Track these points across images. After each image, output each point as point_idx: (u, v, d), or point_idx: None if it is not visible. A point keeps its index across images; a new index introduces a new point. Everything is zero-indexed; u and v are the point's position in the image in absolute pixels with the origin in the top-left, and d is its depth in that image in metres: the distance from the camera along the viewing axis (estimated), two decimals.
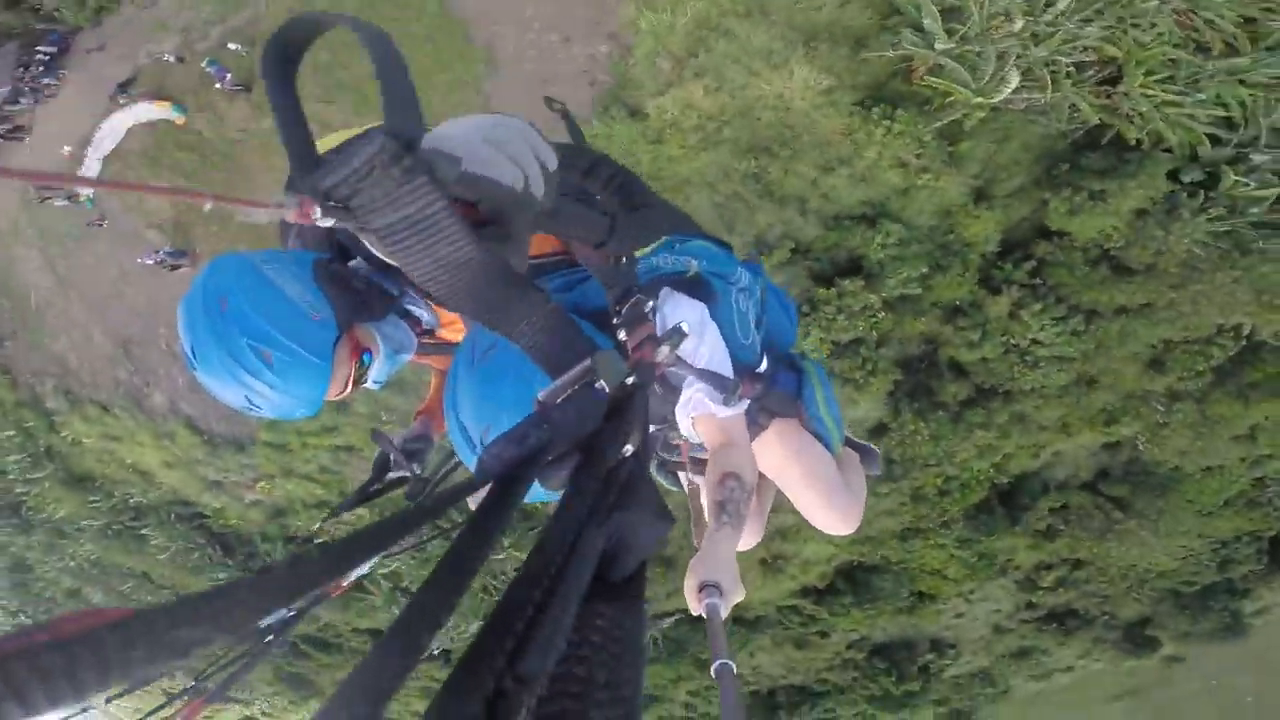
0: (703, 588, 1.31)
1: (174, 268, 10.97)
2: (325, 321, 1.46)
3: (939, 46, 5.77)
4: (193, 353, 1.41)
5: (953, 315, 8.78)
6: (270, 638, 1.61)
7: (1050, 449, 11.61)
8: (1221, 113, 7.10)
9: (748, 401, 1.69)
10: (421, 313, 1.78)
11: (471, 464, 1.37)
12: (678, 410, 1.69)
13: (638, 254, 1.74)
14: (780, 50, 6.11)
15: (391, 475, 2.06)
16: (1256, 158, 7.50)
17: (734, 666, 1.03)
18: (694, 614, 1.31)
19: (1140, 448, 12.07)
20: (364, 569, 1.78)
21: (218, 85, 9.80)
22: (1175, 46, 6.54)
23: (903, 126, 6.28)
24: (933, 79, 6.16)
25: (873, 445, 2.36)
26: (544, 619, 0.36)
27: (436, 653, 12.66)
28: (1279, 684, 24.46)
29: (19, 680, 0.22)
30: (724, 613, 1.29)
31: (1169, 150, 7.34)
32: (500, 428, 1.31)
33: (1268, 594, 19.29)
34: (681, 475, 2.24)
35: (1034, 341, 9.03)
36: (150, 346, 11.72)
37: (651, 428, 1.74)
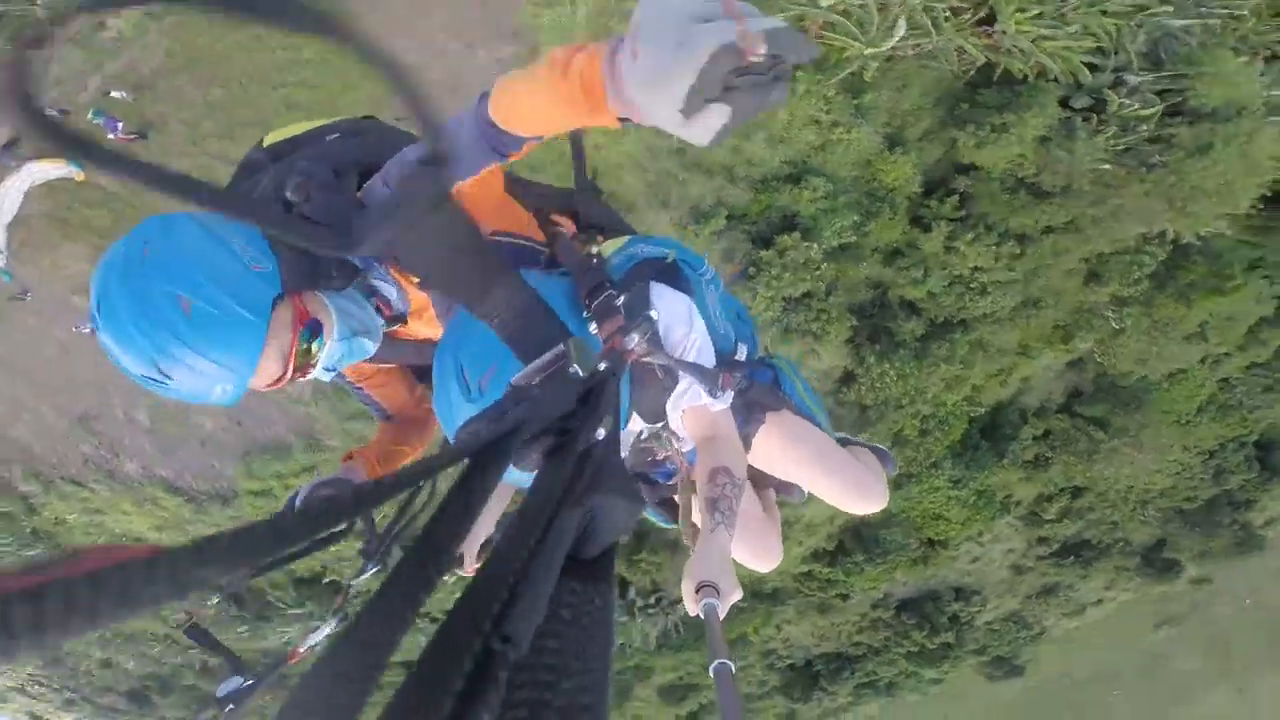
0: (700, 588, 1.31)
1: None
2: (268, 275, 1.29)
3: (824, 3, 6.58)
4: (98, 307, 1.22)
5: (893, 257, 9.55)
6: (230, 707, 1.49)
7: (1017, 374, 12.27)
8: (1093, 42, 7.92)
9: (731, 392, 1.68)
10: (391, 291, 1.63)
11: (454, 414, 1.33)
12: (669, 404, 1.68)
13: (607, 251, 1.76)
14: None
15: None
16: (1132, 80, 8.32)
17: (733, 666, 1.03)
18: (690, 615, 1.32)
19: (1101, 360, 12.74)
20: (324, 633, 1.83)
21: (110, 136, 9.26)
22: None
23: (807, 86, 7.08)
24: (828, 34, 6.97)
25: (882, 446, 2.44)
26: (525, 587, 0.37)
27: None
28: None
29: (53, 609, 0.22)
30: (722, 613, 1.29)
31: (1055, 80, 8.16)
32: (507, 372, 1.22)
33: (1270, 503, 19.71)
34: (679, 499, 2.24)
35: (975, 269, 9.76)
36: (108, 417, 11.38)
37: (644, 426, 1.76)
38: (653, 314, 1.35)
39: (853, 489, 2.06)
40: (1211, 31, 8.04)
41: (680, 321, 1.53)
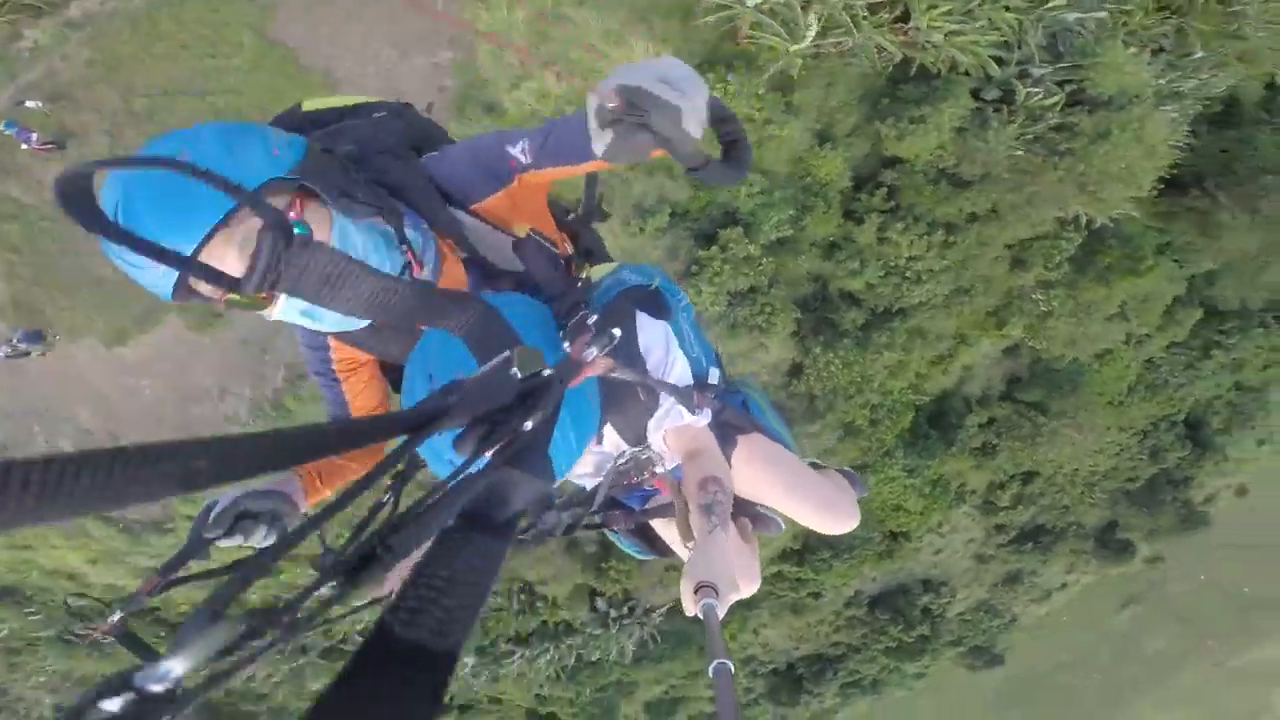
0: (698, 589, 1.34)
1: (26, 353, 9.52)
2: (278, 161, 1.22)
3: (750, 2, 7.03)
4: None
5: (830, 250, 10.02)
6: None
7: (958, 363, 12.83)
8: (998, 36, 8.57)
9: (709, 411, 1.76)
10: (422, 241, 1.53)
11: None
12: (651, 426, 1.75)
13: (596, 275, 1.85)
14: (617, 29, 7.04)
15: (224, 544, 1.60)
16: (1036, 71, 9.00)
17: (732, 666, 1.05)
18: (689, 615, 1.35)
19: (1034, 345, 13.41)
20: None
21: (24, 147, 8.92)
22: None
23: (738, 85, 7.51)
24: (755, 33, 7.42)
25: (852, 470, 2.52)
26: (418, 520, 0.46)
27: None
28: (1262, 568, 25.88)
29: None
30: (721, 613, 1.31)
31: (966, 73, 8.77)
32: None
33: (1206, 479, 20.72)
34: (658, 524, 2.25)
35: (910, 259, 10.28)
36: (29, 446, 10.86)
37: (621, 448, 1.82)
38: (615, 331, 1.37)
39: (825, 509, 2.12)
40: (1103, 25, 8.77)
41: (659, 345, 1.67)
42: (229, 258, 1.17)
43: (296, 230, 1.19)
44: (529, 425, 0.71)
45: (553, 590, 12.20)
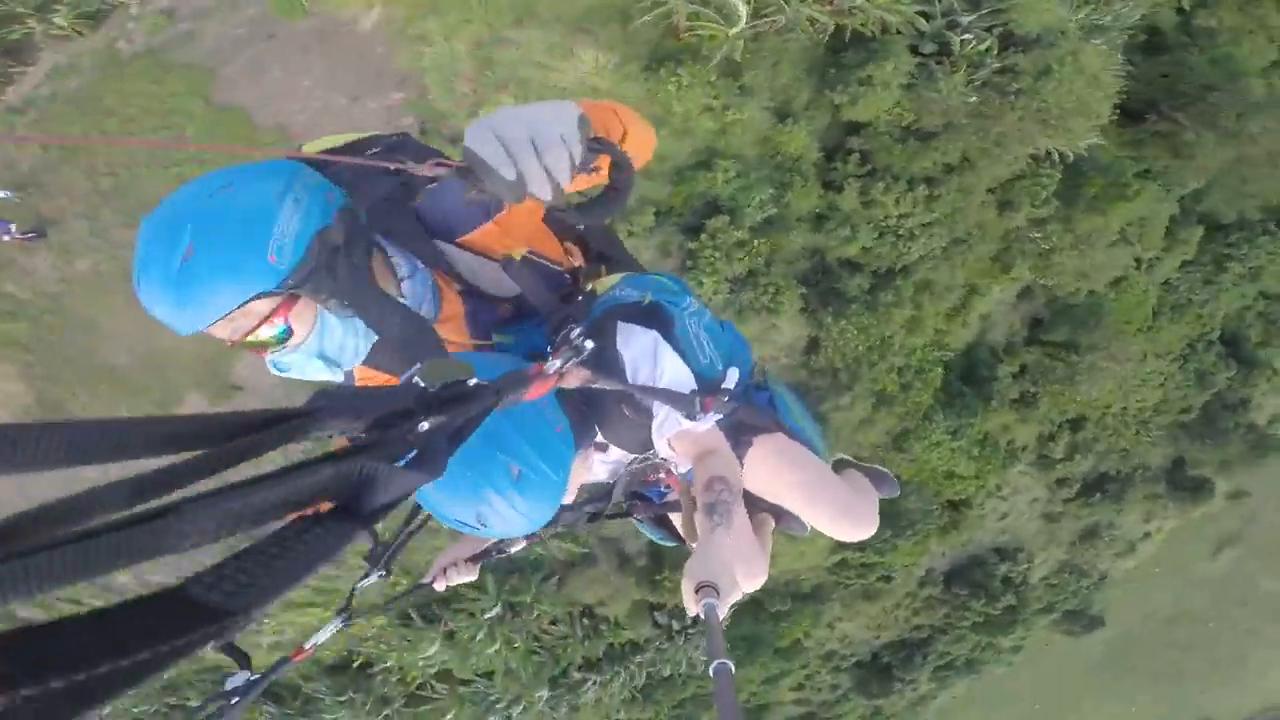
0: (699, 589, 1.34)
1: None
2: (275, 269, 1.35)
3: None
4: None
5: (819, 222, 10.52)
6: (236, 700, 1.49)
7: (975, 313, 13.03)
8: None
9: (715, 415, 1.74)
10: (419, 287, 1.69)
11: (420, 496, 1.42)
12: (653, 433, 1.76)
13: (601, 288, 1.86)
14: (560, 42, 7.50)
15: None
16: (964, 20, 9.67)
17: (732, 666, 1.04)
18: (690, 615, 1.35)
19: (1045, 283, 13.59)
20: (323, 638, 1.87)
21: (5, 239, 8.75)
22: None
23: (690, 77, 8.18)
24: (694, 24, 8.11)
25: (880, 468, 2.51)
26: (251, 486, 0.47)
27: None
28: None
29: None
30: (722, 613, 1.32)
31: (899, 32, 9.42)
32: (495, 498, 1.39)
33: (1262, 398, 20.11)
34: (674, 517, 2.33)
35: (901, 216, 10.69)
36: None
37: (630, 456, 1.86)
38: (587, 344, 1.43)
39: (842, 515, 2.10)
40: None
41: (646, 356, 1.66)
42: (220, 331, 1.42)
43: (278, 332, 1.45)
44: (424, 427, 0.71)
45: (612, 610, 12.23)
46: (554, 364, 1.28)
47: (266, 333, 1.43)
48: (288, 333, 1.46)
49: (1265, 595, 24.83)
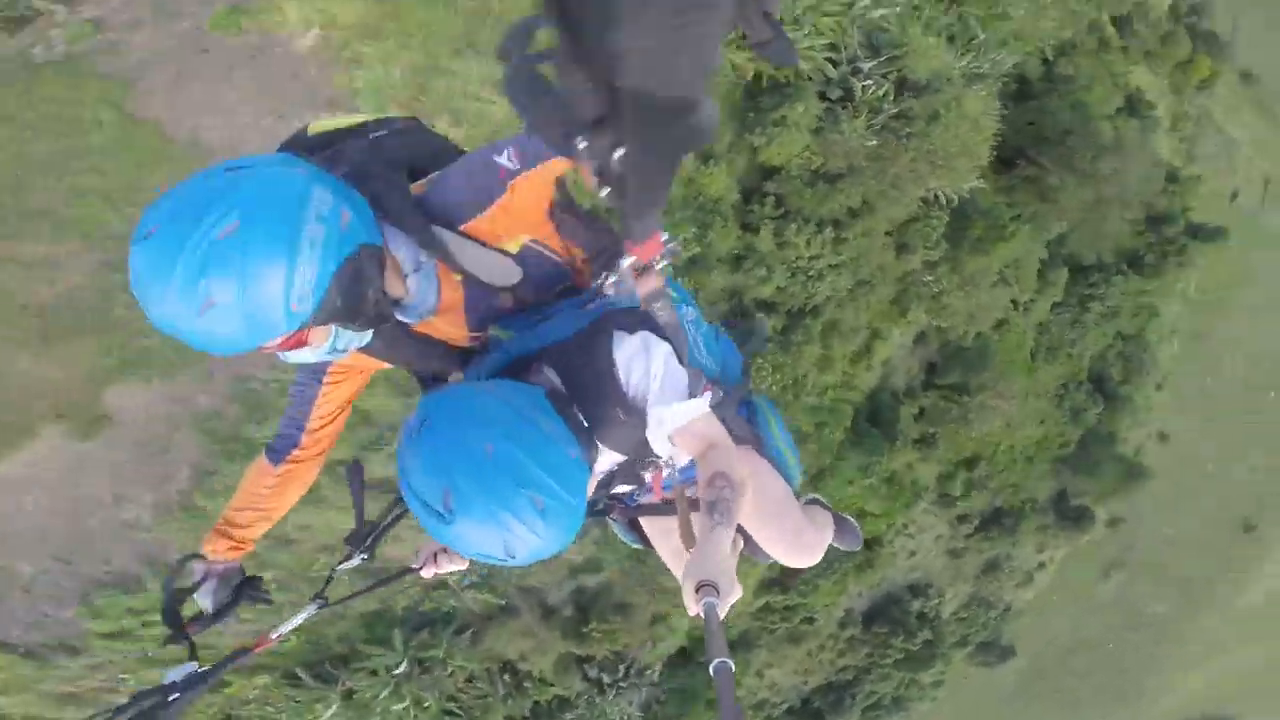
0: (699, 588, 1.32)
1: None
2: (297, 316, 1.34)
3: None
4: None
5: (737, 262, 10.76)
6: (175, 696, 1.44)
7: (877, 358, 13.63)
8: (825, 39, 9.84)
9: (712, 397, 1.75)
10: (421, 279, 1.69)
11: (442, 535, 1.41)
12: (652, 432, 1.71)
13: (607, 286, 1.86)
14: (497, 76, 7.75)
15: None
16: (864, 67, 10.38)
17: (732, 665, 1.04)
18: (690, 614, 1.34)
19: (938, 325, 14.45)
20: (295, 623, 1.92)
21: None
22: None
23: None
24: None
25: (849, 518, 2.54)
26: None
27: None
28: (1209, 516, 26.99)
29: None
30: (721, 612, 1.30)
31: (810, 78, 9.99)
32: (460, 488, 1.36)
33: (1127, 431, 22.12)
34: (645, 522, 2.35)
35: (811, 258, 11.13)
36: None
37: (620, 458, 1.83)
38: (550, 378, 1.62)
39: (791, 539, 2.12)
40: (902, 17, 10.25)
41: (638, 358, 1.64)
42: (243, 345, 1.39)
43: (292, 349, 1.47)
44: None
45: (536, 665, 11.53)
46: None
47: (280, 350, 1.45)
48: (303, 344, 1.48)
49: (1153, 617, 26.69)
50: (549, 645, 11.30)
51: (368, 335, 1.58)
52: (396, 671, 9.95)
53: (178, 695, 1.47)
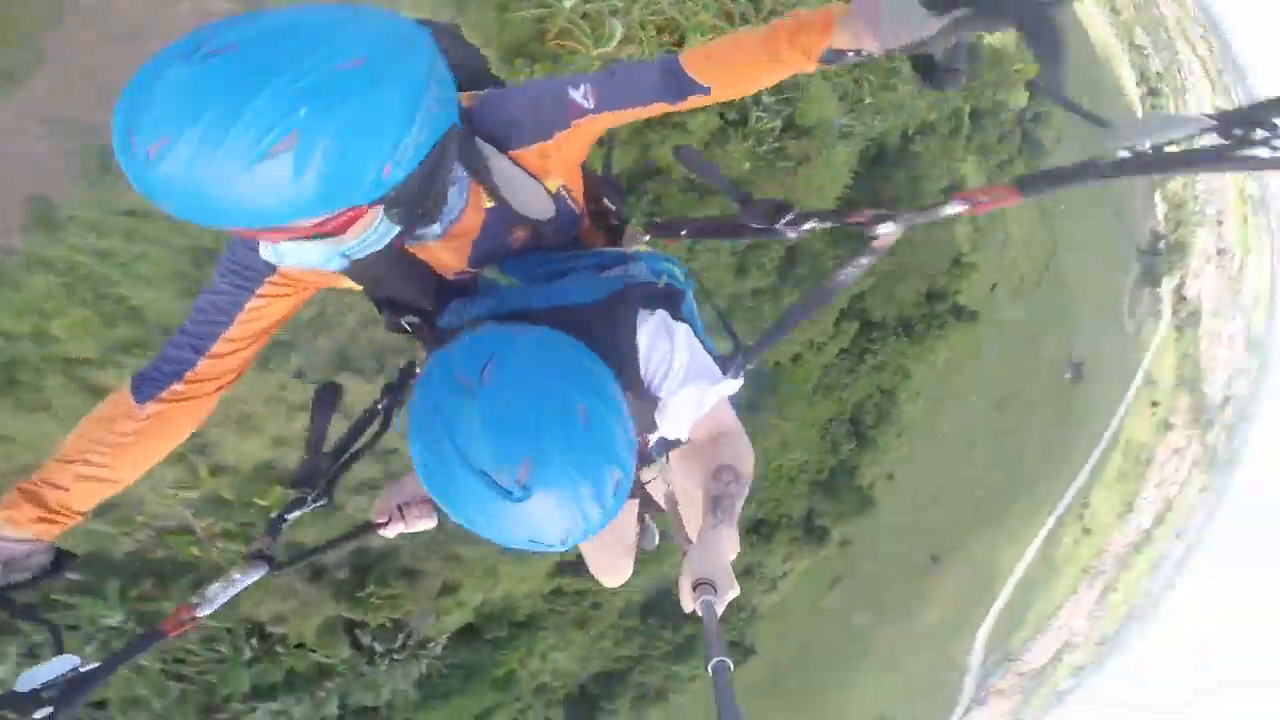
0: (697, 585, 1.29)
1: None
2: (386, 181, 1.11)
3: (568, 5, 7.84)
4: None
5: None
6: (48, 712, 1.19)
7: None
8: None
9: (739, 378, 1.68)
10: (455, 211, 1.51)
11: (495, 514, 1.15)
12: (674, 413, 1.58)
13: (636, 249, 1.76)
14: (431, 14, 7.33)
15: None
16: (765, 99, 11.27)
17: (730, 664, 1.01)
18: (687, 611, 1.30)
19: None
20: (233, 593, 1.56)
21: None
22: (716, 17, 9.69)
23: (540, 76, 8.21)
24: (559, 41, 8.22)
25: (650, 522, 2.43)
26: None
27: None
28: (918, 540, 31.98)
29: None
30: (719, 610, 1.28)
31: None
32: (549, 457, 1.12)
33: (867, 468, 25.58)
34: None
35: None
36: None
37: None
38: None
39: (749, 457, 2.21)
40: None
41: (660, 338, 1.52)
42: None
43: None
44: None
45: (296, 628, 10.04)
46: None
47: (313, 233, 1.13)
48: (344, 231, 1.18)
49: (859, 628, 31.02)
50: (316, 606, 10.01)
51: (394, 232, 1.29)
52: (110, 623, 7.88)
53: (51, 711, 1.11)
